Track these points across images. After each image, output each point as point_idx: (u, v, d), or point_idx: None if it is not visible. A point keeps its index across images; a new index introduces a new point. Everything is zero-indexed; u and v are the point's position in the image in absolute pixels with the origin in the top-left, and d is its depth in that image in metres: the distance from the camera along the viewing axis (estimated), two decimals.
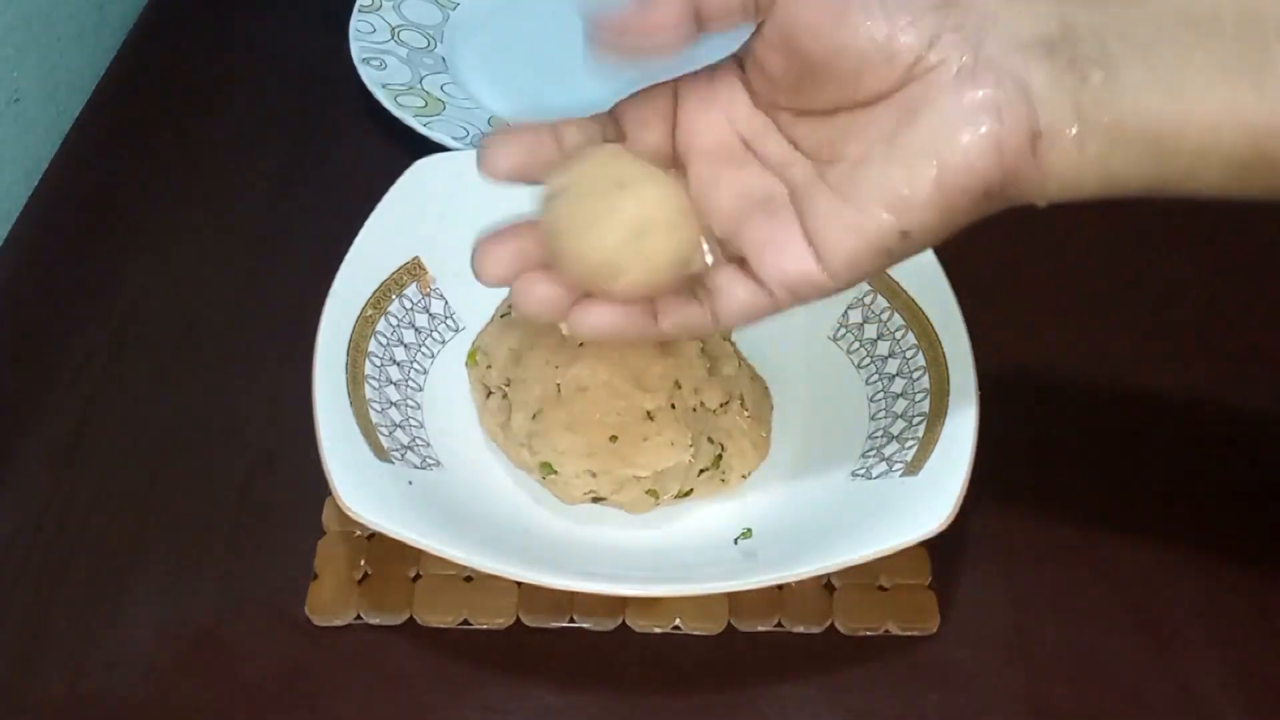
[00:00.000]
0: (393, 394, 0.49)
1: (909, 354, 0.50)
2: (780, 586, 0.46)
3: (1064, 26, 0.33)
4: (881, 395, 0.50)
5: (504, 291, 0.53)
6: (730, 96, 0.37)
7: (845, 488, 0.47)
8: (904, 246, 0.35)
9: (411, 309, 0.52)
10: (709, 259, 0.38)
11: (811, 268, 0.35)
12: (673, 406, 0.47)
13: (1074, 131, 0.33)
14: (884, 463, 0.47)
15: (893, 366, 0.50)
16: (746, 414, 0.50)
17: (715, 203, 0.37)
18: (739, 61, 0.37)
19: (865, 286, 0.52)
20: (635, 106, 0.38)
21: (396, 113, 0.65)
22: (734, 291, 0.37)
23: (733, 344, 0.52)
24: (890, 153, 0.34)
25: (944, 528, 0.42)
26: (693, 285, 0.38)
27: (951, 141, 0.33)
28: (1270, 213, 0.64)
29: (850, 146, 0.35)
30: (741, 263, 0.37)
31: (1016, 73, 0.33)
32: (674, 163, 0.38)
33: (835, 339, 0.52)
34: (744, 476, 0.49)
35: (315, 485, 0.45)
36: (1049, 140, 0.33)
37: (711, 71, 0.38)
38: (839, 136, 0.35)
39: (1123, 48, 0.33)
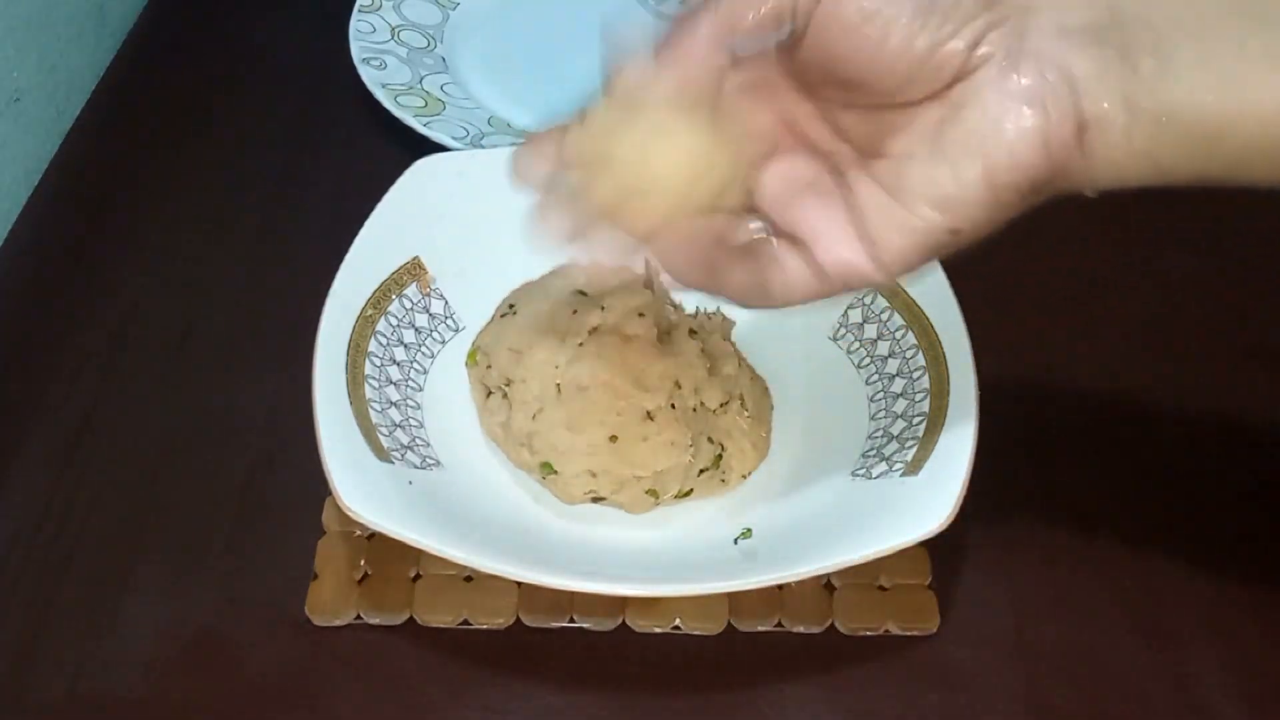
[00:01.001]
0: (393, 394, 0.49)
1: (909, 354, 0.50)
2: (780, 586, 0.46)
3: (1112, 13, 0.32)
4: (881, 395, 0.50)
5: (504, 291, 0.53)
6: (775, 81, 0.36)
7: (845, 488, 0.47)
8: (954, 242, 0.34)
9: (411, 309, 0.52)
10: (765, 235, 0.37)
11: (863, 260, 0.35)
12: (673, 406, 0.47)
13: (1122, 122, 0.32)
14: (884, 463, 0.47)
15: (893, 366, 0.50)
16: (746, 414, 0.50)
17: (763, 184, 0.37)
18: (779, 48, 0.36)
19: None
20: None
21: (396, 113, 0.65)
22: (791, 267, 0.36)
23: (733, 344, 0.52)
24: (935, 150, 0.33)
25: (944, 528, 0.42)
26: (755, 253, 0.37)
27: (996, 137, 0.32)
28: (1271, 212, 0.64)
29: (895, 142, 0.34)
30: (794, 241, 0.36)
31: (1062, 62, 0.32)
32: None
33: (835, 339, 0.52)
34: (744, 476, 0.49)
35: (315, 485, 0.45)
36: (1096, 131, 0.32)
37: (756, 58, 0.37)
38: (883, 131, 0.35)
39: (1175, 36, 0.32)
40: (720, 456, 0.49)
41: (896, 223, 0.34)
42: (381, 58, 0.69)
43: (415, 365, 0.51)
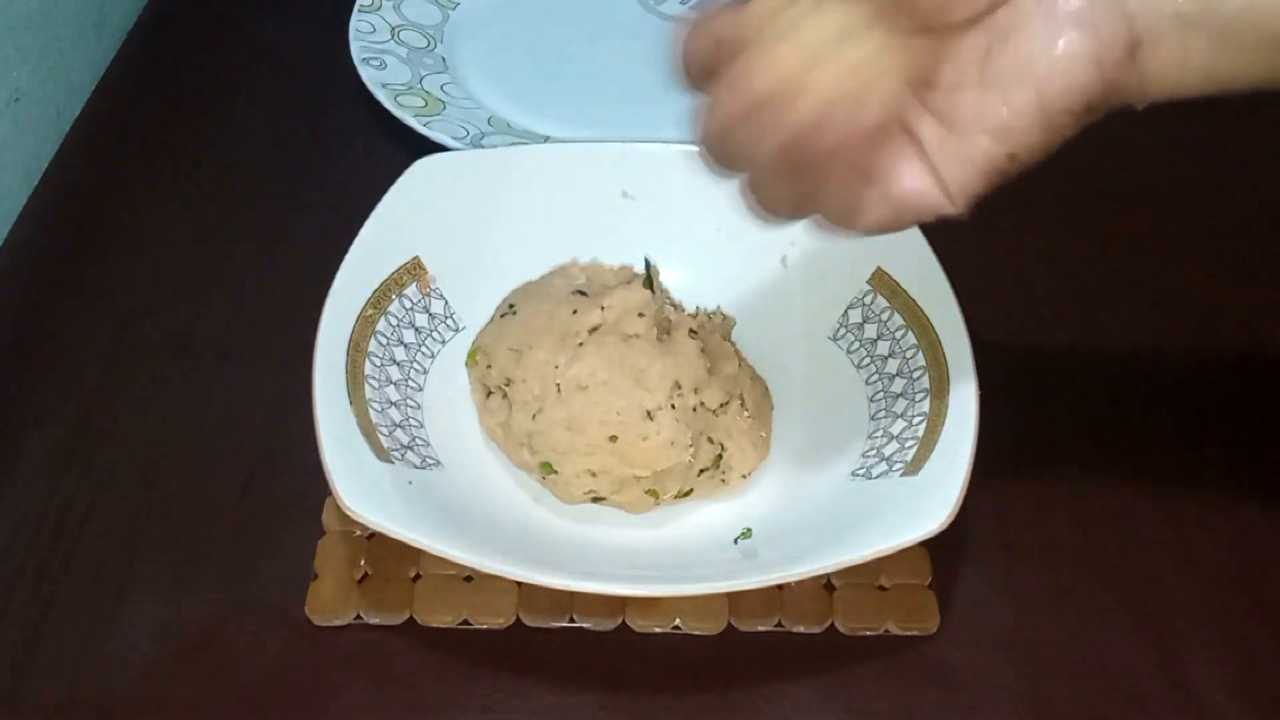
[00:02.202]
0: (393, 394, 0.49)
1: (909, 354, 0.50)
2: (780, 586, 0.46)
3: None
4: (881, 395, 0.50)
5: (504, 291, 0.53)
6: None
7: (845, 488, 0.47)
8: (1014, 167, 0.34)
9: (411, 309, 0.52)
10: None
11: (932, 190, 0.34)
12: (673, 406, 0.47)
13: (1175, 37, 0.31)
14: (884, 463, 0.47)
15: (893, 366, 0.50)
16: (746, 414, 0.50)
17: None
18: None
19: (865, 286, 0.52)
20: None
21: (396, 113, 0.65)
22: (869, 199, 0.35)
23: (733, 344, 0.52)
24: (984, 79, 0.33)
25: (944, 528, 0.42)
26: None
27: (1048, 62, 0.32)
28: (1271, 209, 0.64)
29: (943, 72, 0.34)
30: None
31: None
32: None
33: (835, 339, 0.52)
34: (744, 476, 0.49)
35: (315, 485, 0.45)
36: (1149, 47, 0.32)
37: None
38: (930, 61, 0.34)
39: None
40: (720, 456, 0.49)
41: (956, 154, 0.34)
42: (381, 58, 0.69)
43: (415, 365, 0.51)
